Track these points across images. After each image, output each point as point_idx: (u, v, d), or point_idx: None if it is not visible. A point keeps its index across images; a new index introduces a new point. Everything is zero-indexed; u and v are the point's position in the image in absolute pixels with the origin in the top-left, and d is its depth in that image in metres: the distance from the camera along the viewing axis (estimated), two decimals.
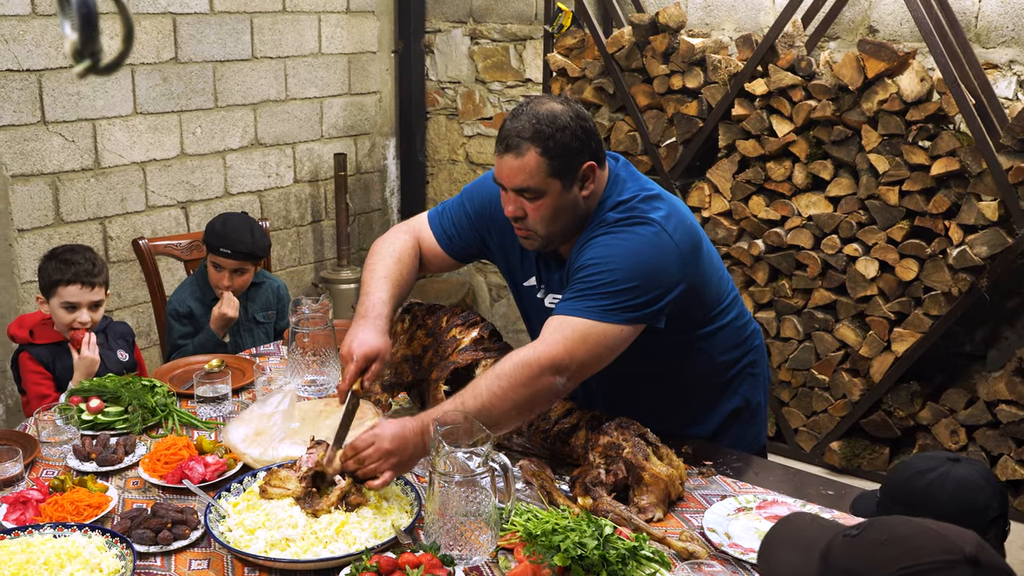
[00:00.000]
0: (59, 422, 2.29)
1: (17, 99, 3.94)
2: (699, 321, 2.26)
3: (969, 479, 1.71)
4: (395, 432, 1.94)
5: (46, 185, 4.10)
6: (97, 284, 2.93)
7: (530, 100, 2.13)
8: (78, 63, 0.92)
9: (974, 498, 1.70)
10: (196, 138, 4.62)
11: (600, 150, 2.14)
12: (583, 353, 2.00)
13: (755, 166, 4.08)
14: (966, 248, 3.60)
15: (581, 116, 2.09)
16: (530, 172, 2.06)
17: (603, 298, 2.02)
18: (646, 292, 2.04)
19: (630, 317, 2.03)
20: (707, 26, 4.49)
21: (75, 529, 1.86)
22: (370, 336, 2.13)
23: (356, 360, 2.09)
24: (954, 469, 1.72)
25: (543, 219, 2.12)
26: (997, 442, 3.77)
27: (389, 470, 1.93)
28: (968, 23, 3.85)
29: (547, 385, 1.98)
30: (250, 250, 3.29)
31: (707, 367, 2.32)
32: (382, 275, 2.30)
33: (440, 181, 5.70)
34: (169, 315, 3.33)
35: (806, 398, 4.18)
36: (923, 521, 1.28)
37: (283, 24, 4.90)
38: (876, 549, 1.25)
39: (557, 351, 1.99)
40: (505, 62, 5.26)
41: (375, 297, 2.24)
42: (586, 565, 1.70)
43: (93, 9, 0.89)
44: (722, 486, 2.16)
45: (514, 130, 2.06)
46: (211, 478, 2.11)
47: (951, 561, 1.18)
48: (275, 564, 1.80)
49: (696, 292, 2.18)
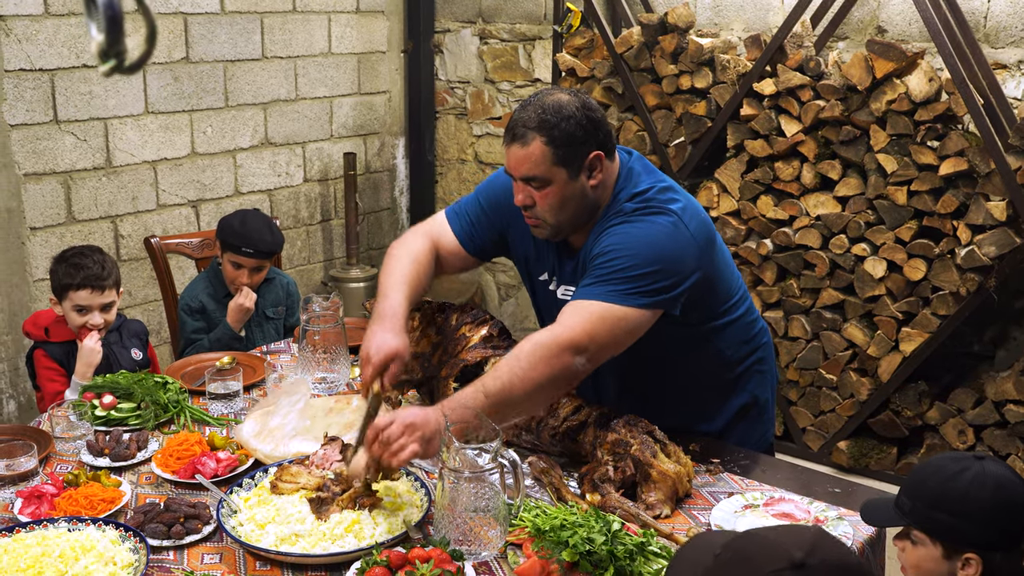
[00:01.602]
0: (73, 418, 2.32)
1: (30, 98, 3.97)
2: (710, 314, 2.29)
3: (1006, 476, 1.71)
4: (417, 410, 1.97)
5: (58, 184, 4.13)
6: (107, 287, 2.93)
7: (539, 92, 2.17)
8: (104, 63, 0.94)
9: (1015, 492, 1.70)
10: (207, 137, 4.65)
11: (608, 141, 2.17)
12: (602, 334, 2.03)
13: (763, 166, 4.09)
14: (974, 248, 3.60)
15: (588, 107, 2.13)
16: (536, 161, 2.10)
17: (622, 282, 2.05)
18: (665, 278, 2.07)
19: (649, 301, 2.06)
20: (716, 26, 4.50)
21: (89, 523, 1.89)
22: (389, 337, 2.15)
23: (375, 362, 2.11)
24: (988, 466, 1.72)
25: (551, 207, 2.16)
26: (1005, 442, 3.77)
27: (415, 443, 1.91)
28: (977, 23, 3.85)
29: (567, 364, 2.00)
30: (270, 248, 3.35)
31: (716, 362, 2.34)
32: (399, 277, 2.31)
33: (449, 180, 5.72)
34: (181, 310, 3.36)
35: (814, 397, 4.18)
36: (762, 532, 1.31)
37: (293, 24, 4.92)
38: (725, 570, 1.27)
39: (576, 332, 2.02)
40: (514, 62, 5.27)
41: (393, 299, 2.26)
42: (594, 560, 1.72)
43: (119, 11, 0.92)
44: (729, 483, 2.17)
45: (520, 120, 2.11)
46: (223, 473, 2.13)
47: (777, 570, 1.20)
48: (286, 558, 1.82)
49: (709, 284, 2.21)
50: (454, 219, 2.47)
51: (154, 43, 0.96)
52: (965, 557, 1.69)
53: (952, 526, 1.69)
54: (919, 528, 1.73)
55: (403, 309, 2.25)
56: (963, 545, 1.69)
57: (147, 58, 0.96)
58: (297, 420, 2.27)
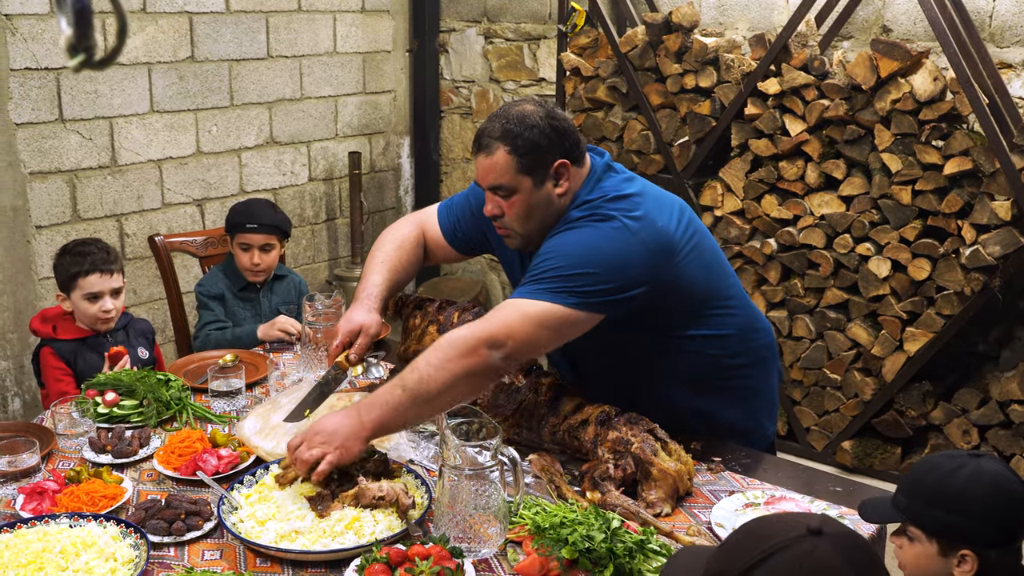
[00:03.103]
0: (75, 415, 2.32)
1: (35, 97, 3.99)
2: (689, 317, 2.26)
3: (1001, 472, 1.71)
4: (325, 420, 2.02)
5: (64, 182, 4.14)
6: (115, 271, 2.98)
7: (507, 104, 2.22)
8: (72, 57, 0.94)
9: (1011, 489, 1.70)
10: (212, 136, 4.66)
11: (576, 149, 2.19)
12: (521, 331, 2.04)
13: (768, 165, 4.08)
14: (979, 248, 3.59)
15: (553, 116, 2.15)
16: (500, 170, 2.14)
17: (550, 281, 2.06)
18: (602, 281, 2.06)
19: (576, 301, 2.05)
20: (720, 25, 4.50)
21: (90, 519, 1.89)
22: (357, 314, 2.32)
23: (340, 336, 2.27)
24: (984, 464, 1.71)
25: (518, 216, 2.19)
26: (1009, 442, 3.76)
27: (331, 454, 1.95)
28: (982, 23, 3.84)
29: (483, 359, 2.01)
30: (274, 222, 3.39)
31: (707, 363, 2.32)
32: (380, 260, 2.47)
33: (454, 180, 5.72)
34: (201, 296, 3.38)
35: (818, 397, 4.18)
36: (772, 514, 1.34)
37: (298, 23, 4.93)
38: (734, 546, 1.33)
39: (494, 326, 2.04)
40: (519, 61, 5.28)
41: (370, 280, 2.42)
42: (593, 558, 1.72)
43: (87, 5, 0.92)
44: (730, 482, 2.17)
45: (486, 131, 2.16)
46: (224, 470, 2.14)
47: (797, 536, 1.26)
48: (286, 555, 1.82)
49: (676, 289, 2.17)
50: (443, 213, 2.58)
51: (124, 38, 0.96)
52: (961, 554, 1.69)
53: (948, 523, 1.69)
54: (915, 525, 1.73)
55: (379, 290, 2.40)
56: (959, 542, 1.69)
57: (117, 53, 0.96)
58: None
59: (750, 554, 1.27)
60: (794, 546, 1.25)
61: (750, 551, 1.27)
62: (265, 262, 3.37)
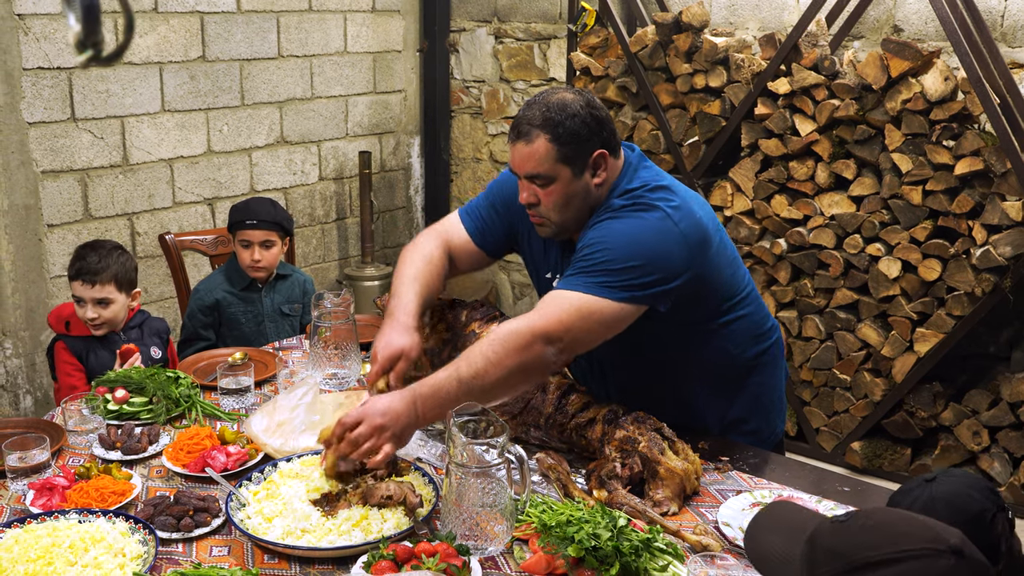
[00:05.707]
0: (85, 411, 2.34)
1: (48, 96, 4.01)
2: (712, 312, 2.27)
3: (954, 492, 1.65)
4: (385, 405, 1.97)
5: (75, 181, 4.17)
6: (100, 283, 2.95)
7: (544, 91, 2.18)
8: (80, 53, 0.95)
9: (970, 508, 1.66)
10: (223, 135, 4.67)
11: (613, 139, 2.17)
12: (577, 326, 2.03)
13: (778, 165, 4.08)
14: (990, 248, 3.57)
15: (592, 105, 2.13)
16: (540, 158, 2.11)
17: (600, 275, 2.05)
18: (647, 273, 2.06)
19: (627, 296, 2.05)
20: (730, 25, 4.49)
21: (99, 515, 1.90)
22: (395, 336, 2.17)
23: (380, 360, 2.14)
24: (936, 488, 1.66)
25: (555, 205, 2.16)
26: (1020, 443, 3.74)
27: (387, 444, 1.94)
28: (994, 22, 3.83)
29: (538, 354, 2.01)
30: (273, 218, 3.36)
31: (722, 360, 2.33)
32: (411, 277, 2.34)
33: (464, 179, 5.73)
34: (193, 302, 3.37)
35: (827, 398, 4.17)
36: (910, 512, 1.29)
37: (309, 23, 4.94)
38: (863, 534, 1.26)
39: (550, 321, 2.03)
40: (529, 61, 5.28)
41: (404, 298, 2.28)
42: (599, 556, 1.72)
43: (95, 1, 0.93)
44: (738, 481, 2.16)
45: (525, 118, 2.12)
46: (232, 467, 2.14)
47: (937, 550, 1.19)
48: (293, 551, 1.83)
49: (706, 282, 2.19)
50: (466, 218, 2.51)
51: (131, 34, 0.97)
52: None
53: None
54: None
55: (414, 307, 2.26)
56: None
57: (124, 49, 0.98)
58: (306, 415, 2.28)
59: (879, 548, 1.21)
60: (931, 559, 1.19)
61: (879, 544, 1.21)
62: (266, 259, 3.36)
